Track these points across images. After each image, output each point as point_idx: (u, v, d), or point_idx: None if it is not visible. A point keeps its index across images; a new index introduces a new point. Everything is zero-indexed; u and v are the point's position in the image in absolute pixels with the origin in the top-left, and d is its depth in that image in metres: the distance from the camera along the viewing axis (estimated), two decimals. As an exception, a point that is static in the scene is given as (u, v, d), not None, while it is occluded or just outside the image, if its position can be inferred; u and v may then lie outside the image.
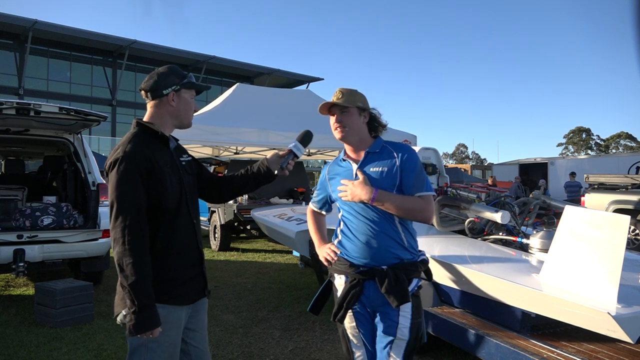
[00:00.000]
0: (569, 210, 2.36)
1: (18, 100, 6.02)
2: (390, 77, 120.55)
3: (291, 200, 9.29)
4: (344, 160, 2.12)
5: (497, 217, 3.21)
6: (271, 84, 31.90)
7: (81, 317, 4.43)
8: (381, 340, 2.00)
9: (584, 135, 57.26)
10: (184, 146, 2.08)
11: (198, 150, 10.35)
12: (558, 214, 2.73)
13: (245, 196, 8.55)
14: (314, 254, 3.43)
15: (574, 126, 59.72)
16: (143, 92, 1.87)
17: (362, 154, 2.06)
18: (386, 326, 1.98)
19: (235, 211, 8.38)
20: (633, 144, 52.72)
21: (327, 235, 2.30)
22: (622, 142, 54.38)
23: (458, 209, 3.66)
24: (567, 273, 2.28)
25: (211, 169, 9.95)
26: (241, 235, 9.59)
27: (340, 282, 2.08)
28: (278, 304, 5.11)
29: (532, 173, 21.45)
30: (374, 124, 2.11)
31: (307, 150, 7.84)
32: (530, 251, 3.12)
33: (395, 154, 2.02)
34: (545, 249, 2.84)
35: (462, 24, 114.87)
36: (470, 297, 3.13)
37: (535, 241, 3.08)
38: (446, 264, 2.93)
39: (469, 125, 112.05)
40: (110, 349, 3.76)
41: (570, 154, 52.67)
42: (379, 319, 2.01)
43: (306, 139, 2.12)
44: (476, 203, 3.59)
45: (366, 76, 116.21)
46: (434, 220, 3.61)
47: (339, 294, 2.05)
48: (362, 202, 1.96)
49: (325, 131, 2.11)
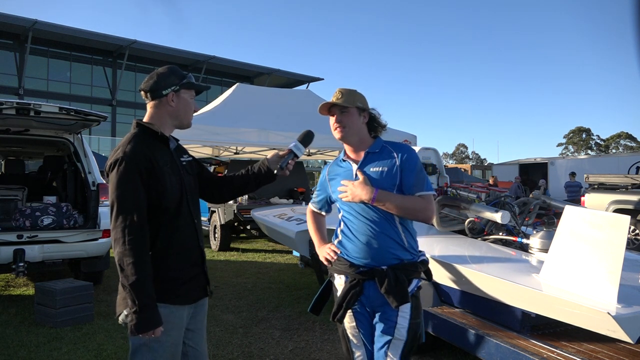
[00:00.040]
0: (569, 210, 2.36)
1: (18, 100, 6.02)
2: (390, 77, 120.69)
3: (291, 200, 9.29)
4: (344, 160, 2.12)
5: (497, 217, 3.21)
6: (271, 84, 31.90)
7: (81, 317, 4.43)
8: (379, 340, 2.00)
9: (584, 135, 57.27)
10: (184, 146, 2.08)
11: (198, 150, 10.35)
12: (558, 214, 2.73)
13: (245, 196, 8.53)
14: (314, 254, 3.43)
15: (574, 126, 59.83)
16: (143, 93, 1.87)
17: (362, 154, 2.06)
18: (384, 326, 1.99)
19: (235, 211, 8.38)
20: (633, 144, 52.73)
21: (327, 235, 2.30)
22: (622, 142, 54.40)
23: (458, 209, 3.66)
24: (567, 273, 2.28)
25: (211, 169, 9.95)
26: (241, 235, 9.59)
27: (340, 282, 2.08)
28: (278, 304, 5.11)
29: (532, 173, 21.44)
30: (374, 124, 2.11)
31: (307, 150, 7.82)
32: (530, 251, 3.12)
33: (395, 154, 2.02)
34: (545, 249, 2.84)
35: (462, 24, 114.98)
36: (470, 297, 3.13)
37: (535, 241, 3.08)
38: (446, 264, 2.93)
39: (469, 125, 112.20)
40: (110, 349, 3.76)
41: (570, 154, 52.67)
42: (378, 319, 2.01)
43: (307, 139, 2.12)
44: (476, 203, 3.59)
45: (366, 76, 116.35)
46: (434, 220, 3.61)
47: (339, 294, 2.05)
48: (363, 203, 1.96)
49: (325, 131, 2.11)
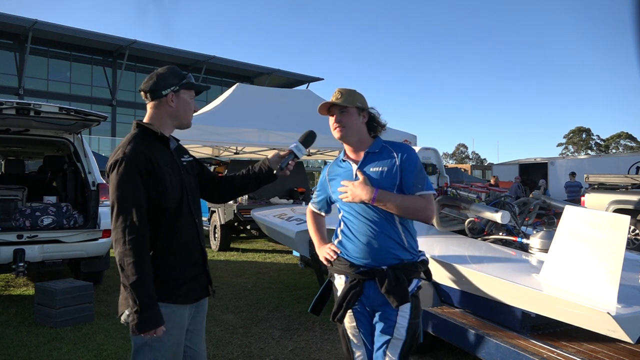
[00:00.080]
0: (569, 210, 2.36)
1: (18, 100, 6.02)
2: (390, 77, 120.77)
3: (291, 200, 9.29)
4: (344, 160, 2.12)
5: (497, 217, 3.21)
6: (271, 84, 31.89)
7: (81, 317, 4.43)
8: (378, 339, 2.01)
9: (584, 135, 57.27)
10: (185, 146, 2.08)
11: (198, 150, 10.35)
12: (558, 214, 2.73)
13: (245, 196, 8.53)
14: (314, 254, 3.43)
15: (574, 126, 59.85)
16: (142, 93, 1.87)
17: (362, 154, 2.06)
18: (384, 326, 1.99)
19: (235, 211, 8.38)
20: (633, 144, 52.73)
21: (327, 235, 2.30)
22: (622, 142, 54.40)
23: (458, 209, 3.66)
24: (567, 273, 2.28)
25: (211, 169, 9.94)
26: (241, 235, 9.59)
27: (340, 282, 2.08)
28: (278, 304, 5.11)
29: (532, 173, 21.44)
30: (373, 124, 2.11)
31: (308, 150, 7.85)
32: (530, 251, 3.12)
33: (394, 154, 2.02)
34: (545, 249, 2.84)
35: (462, 24, 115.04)
36: (470, 297, 3.13)
37: (535, 241, 3.08)
38: (446, 264, 2.93)
39: (469, 125, 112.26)
40: (110, 349, 3.76)
41: (570, 154, 52.67)
42: (378, 319, 2.01)
43: (308, 140, 2.12)
44: (476, 203, 3.59)
45: (366, 76, 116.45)
46: (434, 220, 3.61)
47: (339, 294, 2.05)
48: (363, 203, 1.96)
49: (325, 131, 2.11)
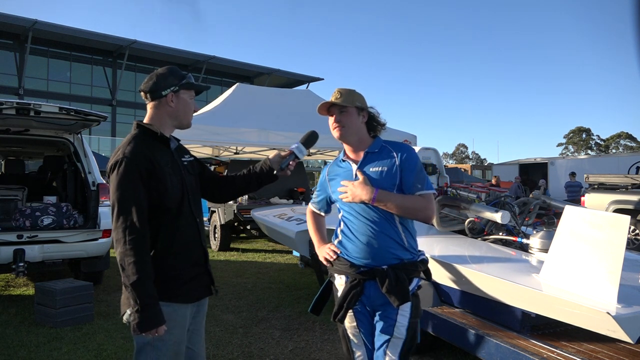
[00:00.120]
0: (569, 210, 2.36)
1: (18, 100, 6.02)
2: (390, 77, 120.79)
3: (291, 200, 9.28)
4: (344, 160, 2.12)
5: (497, 217, 3.21)
6: (271, 84, 31.89)
7: (81, 317, 4.42)
8: (379, 338, 2.01)
9: (584, 135, 57.28)
10: (185, 146, 2.08)
11: (198, 150, 10.34)
12: (558, 214, 2.73)
13: (245, 196, 8.54)
14: (314, 254, 3.43)
15: (574, 126, 59.85)
16: (142, 94, 1.88)
17: (362, 154, 2.06)
18: (384, 325, 1.99)
19: (235, 211, 8.38)
20: (633, 144, 52.73)
21: (327, 235, 2.30)
22: (622, 142, 54.41)
23: (458, 209, 3.66)
24: (567, 273, 2.28)
25: (211, 169, 9.93)
26: (241, 235, 9.59)
27: (340, 282, 2.08)
28: (278, 304, 5.11)
29: (532, 173, 21.44)
30: (373, 124, 2.11)
31: (308, 150, 7.85)
32: (530, 251, 3.12)
33: (394, 154, 2.02)
34: (545, 249, 2.84)
35: (462, 24, 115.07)
36: (470, 297, 3.13)
37: (535, 241, 3.08)
38: (446, 264, 2.93)
39: (469, 125, 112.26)
40: (110, 349, 3.76)
41: (570, 154, 52.67)
42: (378, 318, 2.02)
43: (310, 140, 2.12)
44: (476, 203, 3.59)
45: (366, 76, 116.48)
46: (434, 220, 3.61)
47: (339, 294, 2.05)
48: (363, 203, 1.96)
49: (325, 131, 2.11)
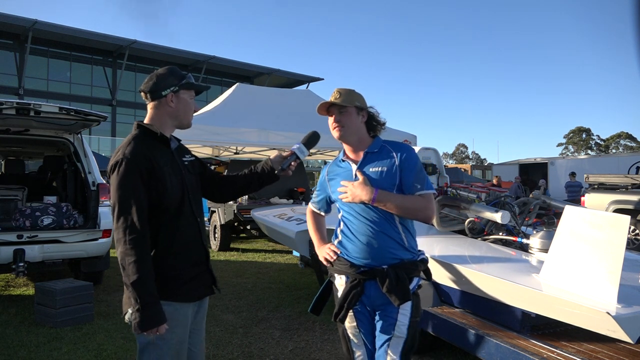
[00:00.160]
0: (569, 210, 2.36)
1: (18, 100, 6.02)
2: (390, 77, 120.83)
3: (291, 200, 9.28)
4: (343, 160, 2.12)
5: (497, 217, 3.21)
6: (271, 84, 31.90)
7: (81, 317, 4.43)
8: (380, 338, 2.01)
9: (584, 135, 57.27)
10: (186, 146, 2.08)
11: (198, 150, 10.34)
12: (558, 214, 2.73)
13: (245, 196, 8.54)
14: (314, 254, 3.43)
15: (574, 126, 59.85)
16: (143, 94, 1.89)
17: (361, 154, 2.06)
18: (385, 324, 1.99)
19: (235, 211, 8.37)
20: (633, 144, 52.73)
21: (327, 235, 2.30)
22: (622, 142, 54.40)
23: (458, 209, 3.66)
24: (567, 273, 2.28)
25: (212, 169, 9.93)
26: (241, 235, 9.59)
27: (340, 282, 2.08)
28: (278, 304, 5.11)
29: (532, 173, 21.43)
30: (372, 123, 2.11)
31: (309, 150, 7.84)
32: (530, 251, 3.12)
33: (394, 154, 2.02)
34: (545, 249, 2.84)
35: (462, 24, 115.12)
36: (470, 297, 3.13)
37: (535, 241, 3.08)
38: (446, 264, 2.93)
39: (469, 125, 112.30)
40: (110, 349, 3.76)
41: (570, 154, 52.67)
42: (379, 318, 2.02)
43: (311, 141, 2.12)
44: (476, 203, 3.59)
45: (366, 76, 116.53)
46: (434, 220, 3.61)
47: (340, 294, 2.05)
48: (363, 203, 1.96)
49: (325, 131, 2.11)
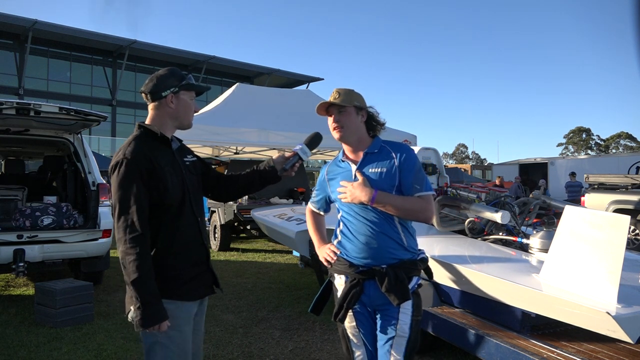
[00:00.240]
0: (569, 210, 2.36)
1: (18, 100, 6.02)
2: (390, 77, 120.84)
3: (291, 200, 9.27)
4: (343, 161, 2.11)
5: (497, 217, 3.21)
6: (271, 84, 31.90)
7: (81, 317, 4.43)
8: (382, 338, 2.01)
9: (584, 135, 57.27)
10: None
11: (198, 150, 10.33)
12: (558, 214, 2.73)
13: (245, 196, 8.55)
14: (314, 254, 3.43)
15: (574, 126, 59.85)
16: (143, 95, 1.91)
17: (361, 155, 2.05)
18: (387, 324, 1.99)
19: (235, 211, 8.37)
20: (633, 144, 52.73)
21: (327, 235, 2.30)
22: (622, 142, 54.40)
23: (458, 209, 3.66)
24: (567, 273, 2.28)
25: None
26: (241, 235, 9.59)
27: (340, 282, 2.08)
28: (278, 304, 5.11)
29: (532, 173, 21.42)
30: (372, 123, 2.11)
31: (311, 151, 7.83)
32: (530, 251, 3.12)
33: (393, 154, 2.01)
34: (545, 249, 2.84)
35: (462, 24, 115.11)
36: (470, 297, 3.13)
37: (535, 241, 3.08)
38: (446, 264, 2.93)
39: (469, 125, 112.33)
40: (110, 349, 3.76)
41: (570, 154, 52.66)
42: (380, 318, 2.02)
43: (314, 142, 2.13)
44: (476, 203, 3.59)
45: (366, 76, 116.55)
46: (434, 220, 3.61)
47: (339, 294, 2.05)
48: (362, 203, 1.96)
49: (325, 131, 2.11)
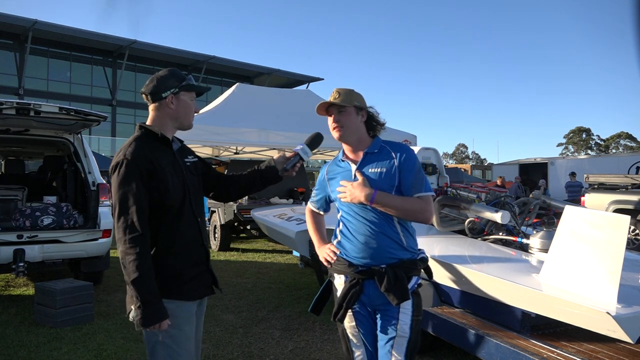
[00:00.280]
0: (569, 210, 2.36)
1: (18, 100, 6.02)
2: (390, 77, 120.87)
3: (291, 200, 9.27)
4: (343, 160, 2.12)
5: (497, 217, 3.21)
6: (271, 84, 31.89)
7: (81, 317, 4.43)
8: (382, 338, 2.00)
9: (584, 135, 57.28)
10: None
11: (198, 150, 10.33)
12: (558, 214, 2.73)
13: (245, 196, 8.55)
14: (314, 254, 3.43)
15: (574, 126, 59.86)
16: (144, 96, 1.92)
17: (361, 154, 2.05)
18: (387, 324, 1.99)
19: (235, 211, 8.37)
20: (633, 144, 52.73)
21: (327, 235, 2.30)
22: (622, 142, 54.40)
23: (458, 209, 3.66)
24: (567, 273, 2.28)
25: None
26: (241, 235, 9.59)
27: (340, 282, 2.08)
28: (278, 304, 5.11)
29: (532, 173, 21.42)
30: (372, 123, 2.11)
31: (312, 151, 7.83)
32: (530, 251, 3.12)
33: (393, 154, 2.01)
34: (545, 249, 2.84)
35: (462, 24, 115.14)
36: (470, 297, 3.13)
37: (535, 241, 3.08)
38: (446, 264, 2.93)
39: (469, 125, 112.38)
40: (110, 349, 3.76)
41: (570, 154, 52.66)
42: (380, 318, 2.02)
43: (315, 142, 2.13)
44: (476, 203, 3.59)
45: (366, 76, 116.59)
46: (434, 220, 3.61)
47: (339, 294, 2.05)
48: (361, 203, 1.96)
49: (325, 131, 2.11)
